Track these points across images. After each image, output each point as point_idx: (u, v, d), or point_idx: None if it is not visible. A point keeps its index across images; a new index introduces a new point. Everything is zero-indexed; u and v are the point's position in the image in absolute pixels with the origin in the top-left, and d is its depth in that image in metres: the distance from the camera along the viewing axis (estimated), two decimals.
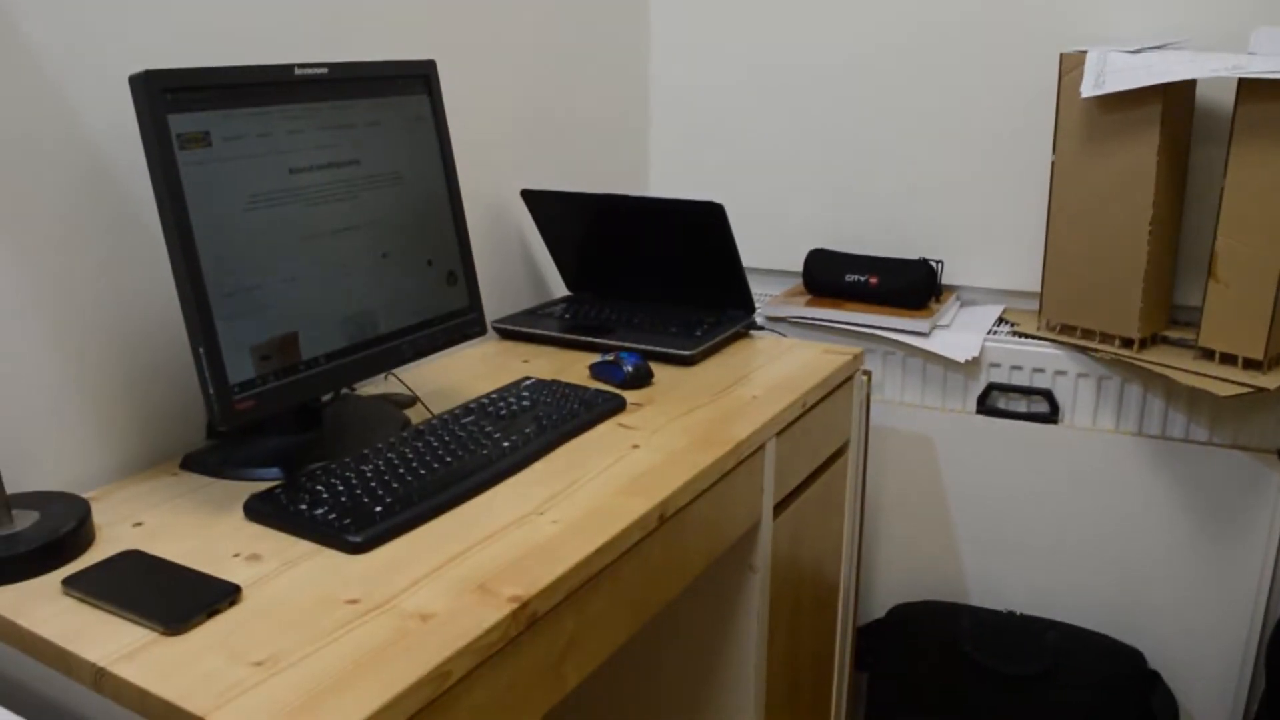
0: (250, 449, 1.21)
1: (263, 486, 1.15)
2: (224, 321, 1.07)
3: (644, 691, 1.63)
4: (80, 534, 1.01)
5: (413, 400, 1.41)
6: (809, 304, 1.93)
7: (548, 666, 0.99)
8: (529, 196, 1.75)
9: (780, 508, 1.48)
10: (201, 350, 1.04)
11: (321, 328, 1.18)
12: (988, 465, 1.84)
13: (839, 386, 1.61)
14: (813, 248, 2.06)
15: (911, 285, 1.89)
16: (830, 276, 1.95)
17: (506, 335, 1.73)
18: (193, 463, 1.20)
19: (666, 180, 2.24)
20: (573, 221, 1.76)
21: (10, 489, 1.11)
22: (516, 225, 1.84)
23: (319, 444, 1.23)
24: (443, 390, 1.46)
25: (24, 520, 1.01)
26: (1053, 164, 1.70)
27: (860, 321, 1.86)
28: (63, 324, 1.14)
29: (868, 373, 1.76)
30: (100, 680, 0.83)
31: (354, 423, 1.30)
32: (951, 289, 2.01)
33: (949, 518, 1.90)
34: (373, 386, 1.49)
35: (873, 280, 1.91)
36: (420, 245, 1.32)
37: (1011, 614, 1.86)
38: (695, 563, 1.24)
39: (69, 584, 0.93)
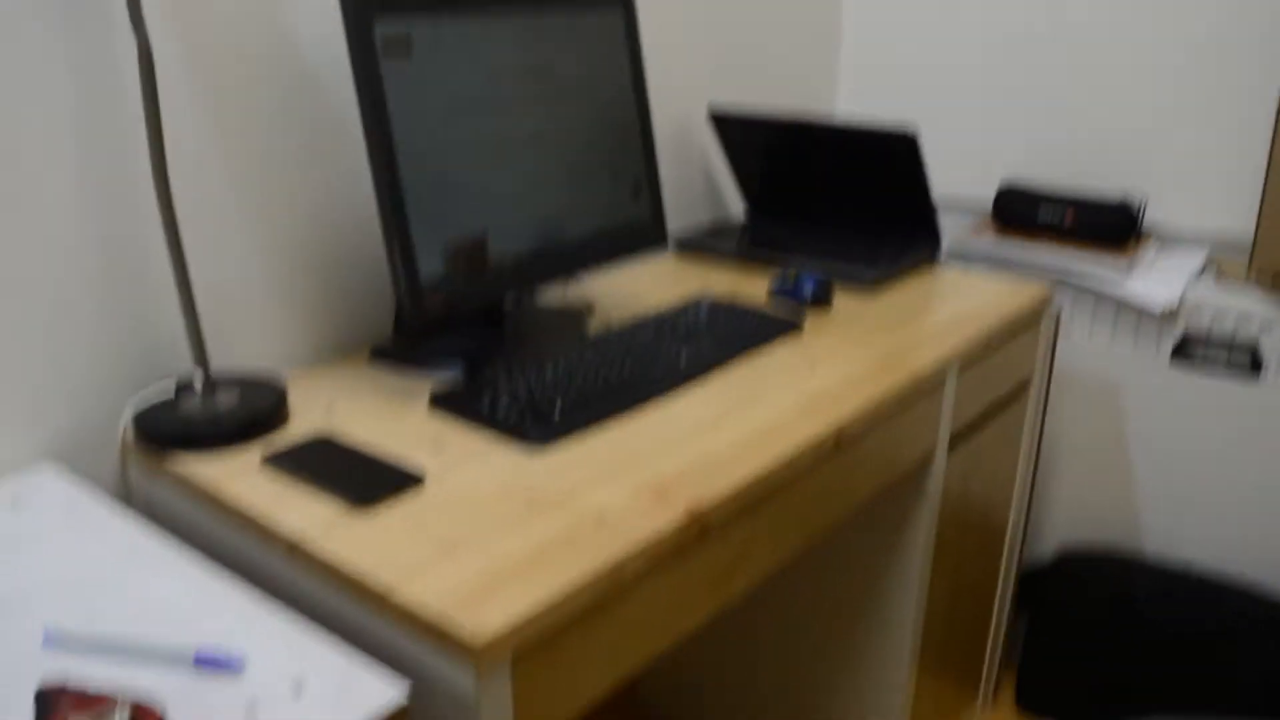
0: (436, 345, 1.25)
1: (447, 381, 1.18)
2: (418, 220, 1.09)
3: (803, 610, 1.63)
4: (277, 413, 1.06)
5: (591, 310, 1.42)
6: (998, 239, 1.86)
7: (715, 576, 0.99)
8: (716, 116, 1.73)
9: (956, 441, 1.44)
10: (395, 246, 1.07)
11: (510, 231, 1.19)
12: (1178, 418, 1.75)
13: (1025, 325, 1.55)
14: (1005, 179, 1.97)
15: (1110, 225, 1.80)
16: (1023, 212, 1.87)
17: (685, 251, 1.72)
18: (381, 354, 1.25)
19: (855, 99, 2.18)
20: (758, 142, 1.73)
21: (214, 366, 1.17)
22: (699, 141, 1.82)
23: (501, 345, 1.25)
24: (621, 302, 1.47)
25: (227, 397, 1.07)
26: None
27: (1052, 261, 1.78)
28: (267, 216, 1.19)
29: (1056, 313, 1.68)
30: (294, 550, 0.87)
31: (534, 327, 1.32)
32: (1153, 230, 1.90)
33: (1130, 467, 1.82)
34: (553, 295, 1.51)
35: (1068, 218, 1.82)
36: (607, 156, 1.31)
37: (1189, 572, 1.77)
38: (866, 488, 1.22)
39: (268, 460, 0.98)
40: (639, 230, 1.37)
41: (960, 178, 2.06)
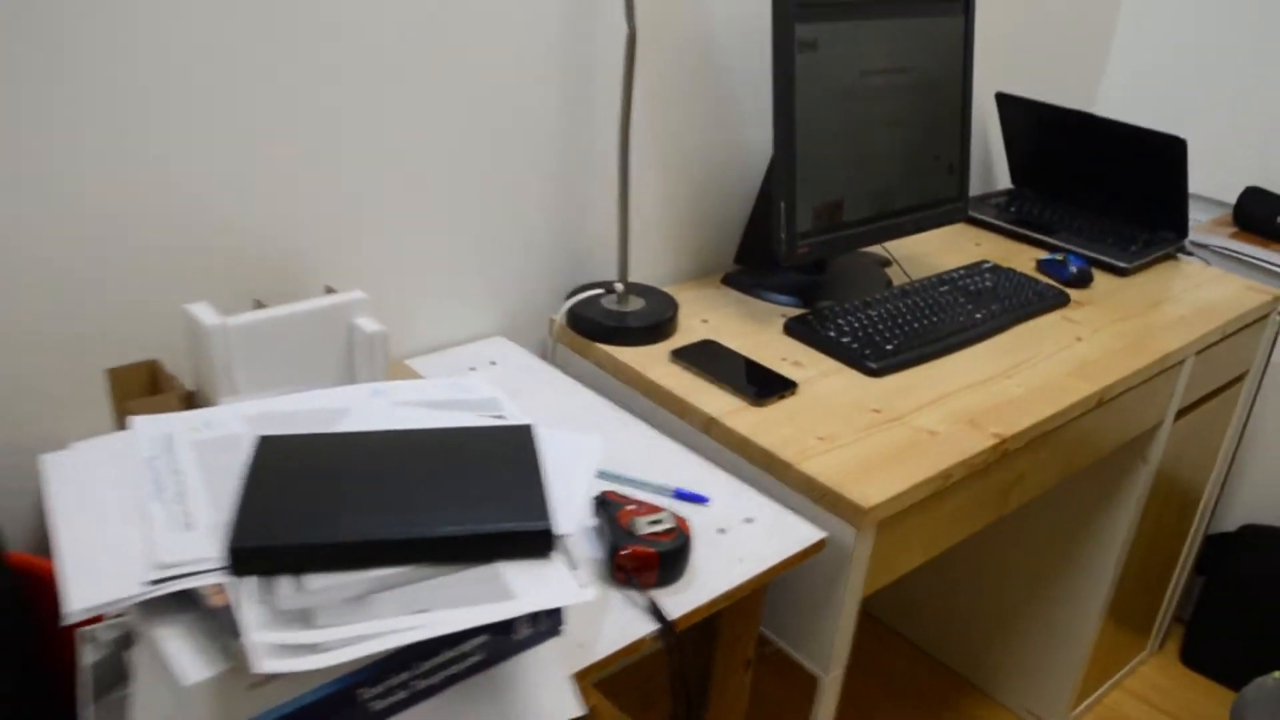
0: (773, 279, 1.56)
1: (785, 310, 1.49)
2: (801, 184, 1.39)
3: (1019, 546, 1.92)
4: (673, 320, 1.39)
5: (889, 263, 1.72)
6: (1234, 237, 2.06)
7: (1000, 491, 1.30)
8: (1002, 97, 1.97)
9: (1180, 415, 1.69)
10: (783, 204, 1.38)
11: (858, 198, 1.49)
12: None
13: (1254, 321, 1.78)
14: (1246, 183, 2.16)
15: None
16: (1263, 215, 2.07)
17: None
18: (731, 281, 1.57)
19: (1117, 93, 2.37)
20: (1035, 125, 1.97)
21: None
22: (977, 121, 2.07)
23: (822, 286, 1.56)
24: (910, 258, 1.76)
25: (636, 304, 1.40)
26: None
27: None
28: (669, 164, 1.51)
29: None
30: (710, 426, 1.21)
31: (848, 273, 1.62)
32: None
33: None
34: None
35: None
36: (935, 140, 1.59)
37: None
38: (1109, 444, 1.50)
39: (675, 355, 1.32)
40: (948, 204, 1.65)
41: (1202, 176, 2.26)
